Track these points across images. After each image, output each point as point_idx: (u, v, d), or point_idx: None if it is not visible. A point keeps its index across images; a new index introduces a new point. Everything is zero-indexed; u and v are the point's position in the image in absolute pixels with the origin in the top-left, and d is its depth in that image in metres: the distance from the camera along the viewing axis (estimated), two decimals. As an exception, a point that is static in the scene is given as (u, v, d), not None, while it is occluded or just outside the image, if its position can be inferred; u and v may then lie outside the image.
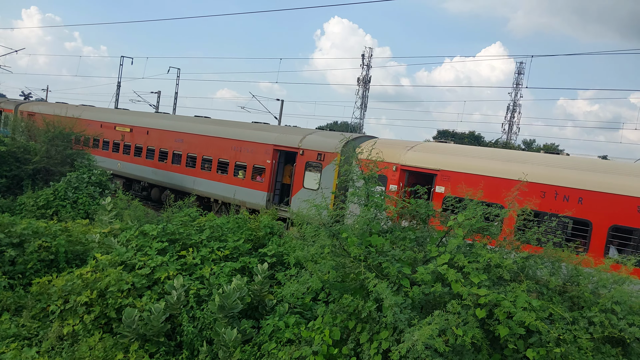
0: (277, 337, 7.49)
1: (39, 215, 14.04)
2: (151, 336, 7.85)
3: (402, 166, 14.75)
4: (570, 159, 13.83)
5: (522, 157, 14.14)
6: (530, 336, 5.87)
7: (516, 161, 13.50)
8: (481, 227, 7.02)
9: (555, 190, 12.19)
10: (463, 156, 14.30)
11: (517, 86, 68.55)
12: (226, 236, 10.30)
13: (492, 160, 13.69)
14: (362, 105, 68.13)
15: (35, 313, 8.86)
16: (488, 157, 14.02)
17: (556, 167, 12.75)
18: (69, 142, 18.43)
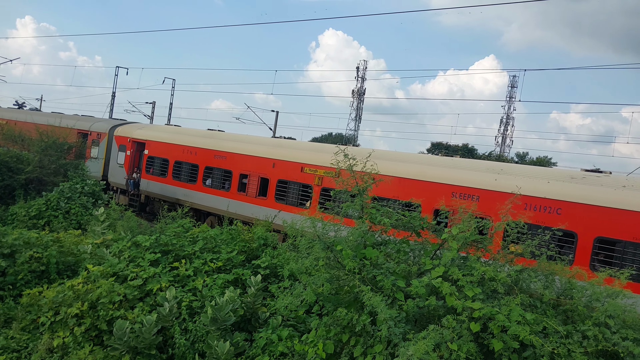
0: (270, 351, 7.43)
1: (31, 225, 13.92)
2: (142, 349, 7.77)
3: (133, 138, 23.64)
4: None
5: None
6: (524, 350, 5.85)
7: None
8: (475, 239, 7.03)
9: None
10: (162, 132, 23.39)
11: (511, 99, 69.17)
12: (219, 247, 10.25)
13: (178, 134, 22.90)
14: (356, 117, 68.46)
15: (25, 325, 8.74)
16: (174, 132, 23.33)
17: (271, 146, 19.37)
18: (62, 152, 18.34)
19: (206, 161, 20.46)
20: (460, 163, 14.97)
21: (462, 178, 13.55)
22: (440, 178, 13.99)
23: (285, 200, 17.72)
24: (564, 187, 12.27)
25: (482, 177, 13.39)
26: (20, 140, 20.39)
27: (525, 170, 13.76)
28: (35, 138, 18.54)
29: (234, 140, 20.77)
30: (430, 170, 14.45)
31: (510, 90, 69.18)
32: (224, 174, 19.86)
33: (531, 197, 12.05)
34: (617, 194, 11.64)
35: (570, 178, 12.77)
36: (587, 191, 11.99)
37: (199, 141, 21.24)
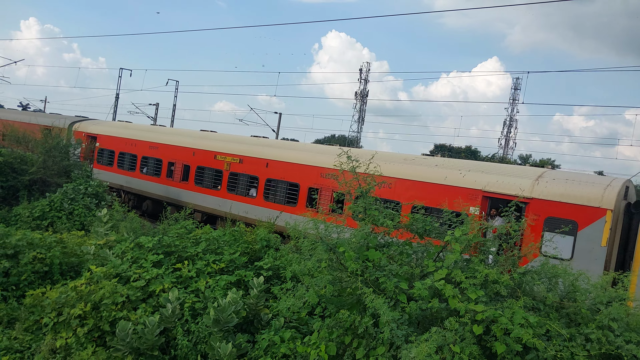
0: (273, 352, 7.42)
1: (34, 226, 13.96)
2: (145, 350, 7.77)
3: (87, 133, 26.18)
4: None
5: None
6: (527, 353, 5.84)
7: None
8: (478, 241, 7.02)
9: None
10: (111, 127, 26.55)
11: (514, 101, 69.08)
12: (222, 249, 10.26)
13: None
14: (359, 119, 68.46)
15: (28, 325, 8.76)
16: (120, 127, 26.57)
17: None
18: (66, 153, 18.39)
19: (143, 152, 23.59)
20: (327, 149, 18.63)
21: (327, 161, 16.41)
22: (314, 162, 17.55)
23: (202, 184, 20.80)
24: (394, 167, 15.58)
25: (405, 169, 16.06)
26: (24, 142, 20.47)
27: (381, 156, 16.41)
28: (39, 139, 18.61)
29: (165, 133, 24.41)
30: (306, 156, 18.07)
31: (513, 92, 69.11)
32: (156, 162, 22.97)
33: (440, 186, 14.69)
34: (430, 171, 14.96)
35: (404, 160, 16.26)
36: (407, 170, 15.38)
37: (138, 134, 24.41)
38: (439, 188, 14.37)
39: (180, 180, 21.66)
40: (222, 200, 19.96)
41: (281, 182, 18.28)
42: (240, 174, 19.64)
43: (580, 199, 12.18)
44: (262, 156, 19.11)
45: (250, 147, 20.01)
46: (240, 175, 19.63)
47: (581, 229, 11.95)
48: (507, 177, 13.62)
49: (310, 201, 17.23)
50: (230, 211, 18.91)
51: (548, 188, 12.72)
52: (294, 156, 18.42)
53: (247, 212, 18.77)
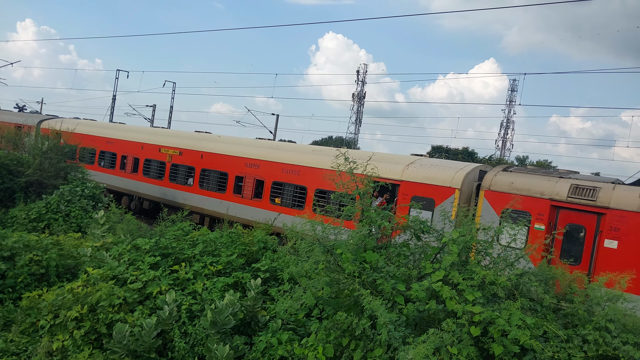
0: (270, 354, 7.41)
1: (31, 228, 13.90)
2: (142, 352, 7.75)
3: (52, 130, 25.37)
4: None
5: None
6: (524, 354, 5.85)
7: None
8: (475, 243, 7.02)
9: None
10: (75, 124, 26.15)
11: (511, 103, 69.27)
12: (219, 251, 10.24)
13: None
14: (356, 120, 68.54)
15: (25, 328, 8.72)
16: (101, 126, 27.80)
17: None
18: (63, 155, 18.35)
19: (101, 146, 25.55)
20: (251, 142, 21.35)
21: (250, 152, 19.36)
22: (240, 153, 19.82)
23: (149, 174, 22.89)
24: (303, 156, 17.87)
25: (263, 151, 19.17)
26: (21, 144, 20.41)
27: (287, 146, 19.72)
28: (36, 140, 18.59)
29: (120, 129, 26.47)
30: (233, 148, 20.25)
31: (510, 93, 69.33)
32: (111, 156, 24.98)
33: (286, 164, 17.98)
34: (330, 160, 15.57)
35: (312, 151, 18.74)
36: (313, 158, 17.50)
37: (97, 131, 26.39)
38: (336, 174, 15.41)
39: (131, 172, 23.86)
40: (165, 189, 22.03)
41: (213, 172, 20.35)
42: (180, 165, 21.79)
43: (437, 181, 14.26)
44: (198, 149, 21.28)
45: (188, 141, 22.30)
46: (180, 166, 21.77)
47: (437, 205, 13.99)
48: (387, 164, 15.64)
49: (237, 188, 19.40)
50: (171, 199, 21.12)
51: (415, 172, 14.95)
52: (223, 148, 20.52)
53: (185, 200, 20.77)
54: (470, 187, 13.88)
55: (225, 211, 19.17)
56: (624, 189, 12.10)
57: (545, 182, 12.82)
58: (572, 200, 12.11)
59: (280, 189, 18.11)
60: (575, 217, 12.15)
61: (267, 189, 18.37)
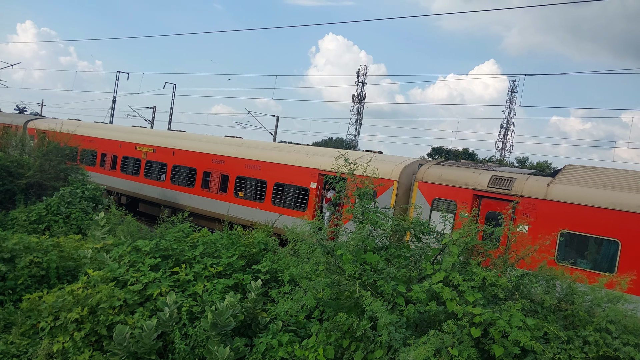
0: (271, 356, 7.41)
1: (31, 230, 13.90)
2: (142, 354, 7.74)
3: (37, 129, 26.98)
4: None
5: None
6: (525, 355, 5.84)
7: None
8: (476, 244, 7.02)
9: None
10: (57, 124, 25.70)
11: (511, 104, 69.29)
12: (220, 252, 10.24)
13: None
14: (357, 122, 68.58)
15: (25, 330, 8.72)
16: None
17: None
18: (63, 156, 18.37)
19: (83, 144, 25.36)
20: (216, 139, 22.79)
21: (216, 149, 20.68)
22: (207, 150, 21.02)
23: (126, 171, 24.10)
24: (264, 152, 19.32)
25: (228, 148, 20.51)
26: (21, 146, 20.44)
27: (250, 143, 21.45)
28: (35, 142, 18.62)
29: (100, 128, 28.13)
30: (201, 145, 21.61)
31: (510, 95, 69.36)
32: (92, 153, 26.22)
33: (248, 160, 19.35)
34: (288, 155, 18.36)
35: (273, 147, 20.18)
36: (273, 154, 18.82)
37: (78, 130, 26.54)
38: (292, 168, 17.89)
39: (110, 169, 25.21)
40: (140, 184, 23.36)
41: (183, 168, 21.77)
42: (154, 162, 23.17)
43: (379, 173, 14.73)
44: (170, 146, 22.68)
45: (161, 139, 23.83)
46: (154, 162, 23.14)
47: (379, 195, 15.06)
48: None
49: (205, 183, 20.67)
50: (147, 194, 22.41)
51: None
52: (193, 145, 21.93)
53: (158, 195, 22.30)
54: (408, 179, 15.21)
55: (194, 205, 20.38)
56: (536, 179, 13.00)
57: (470, 173, 13.93)
58: (492, 189, 13.25)
59: (243, 183, 19.35)
60: (495, 205, 13.10)
61: (232, 183, 19.68)
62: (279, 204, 18.14)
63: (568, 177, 12.89)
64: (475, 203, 13.42)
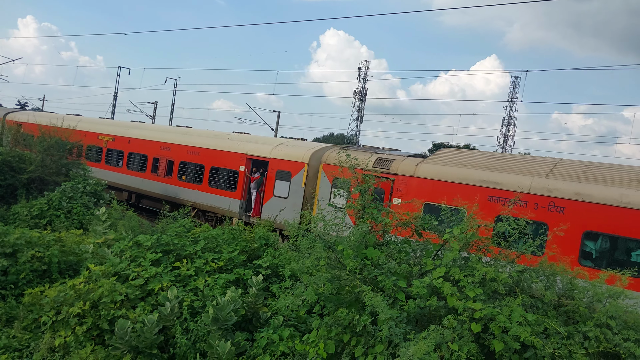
0: (271, 350, 7.43)
1: (33, 225, 13.94)
2: (144, 348, 7.78)
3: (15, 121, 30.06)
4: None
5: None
6: (525, 351, 5.85)
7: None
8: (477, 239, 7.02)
9: None
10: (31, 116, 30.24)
11: (512, 100, 69.08)
12: (221, 247, 10.26)
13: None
14: (358, 117, 68.45)
15: (27, 324, 8.76)
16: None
17: None
18: (65, 151, 18.38)
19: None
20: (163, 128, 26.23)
21: (164, 137, 22.98)
22: (156, 138, 23.29)
23: (90, 158, 25.18)
24: (203, 140, 21.44)
25: (174, 136, 22.84)
26: (23, 140, 20.46)
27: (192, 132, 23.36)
28: (37, 137, 18.62)
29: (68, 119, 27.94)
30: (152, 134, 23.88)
31: (512, 90, 69.11)
32: None
33: (190, 147, 21.49)
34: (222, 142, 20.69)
35: (212, 135, 22.03)
36: (210, 141, 21.03)
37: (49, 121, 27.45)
38: (225, 154, 20.04)
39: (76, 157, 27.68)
40: (102, 171, 24.68)
41: (137, 154, 23.81)
42: (113, 150, 25.13)
43: (293, 157, 17.78)
44: (126, 135, 24.71)
45: (119, 129, 25.83)
46: (113, 150, 25.12)
47: (293, 176, 17.48)
48: (261, 145, 19.35)
49: (154, 168, 22.75)
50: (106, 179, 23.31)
51: (279, 151, 18.39)
52: (145, 134, 24.08)
53: (117, 179, 24.16)
54: (318, 162, 17.31)
55: (146, 188, 22.96)
56: (410, 160, 15.10)
57: (362, 156, 15.64)
58: (376, 169, 15.25)
59: (185, 167, 21.55)
60: (379, 182, 14.47)
61: (176, 167, 21.91)
62: (214, 185, 20.36)
63: (435, 158, 14.93)
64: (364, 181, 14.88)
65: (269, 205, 18.16)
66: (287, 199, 17.43)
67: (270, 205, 18.02)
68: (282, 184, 17.66)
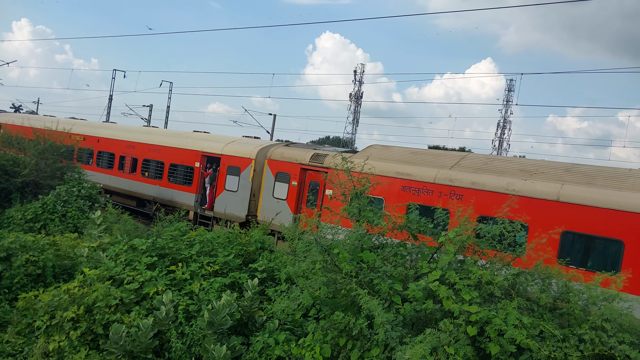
0: (267, 354, 7.41)
1: (27, 228, 13.86)
2: (139, 353, 7.73)
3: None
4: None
5: None
6: (521, 354, 5.85)
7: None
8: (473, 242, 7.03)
9: None
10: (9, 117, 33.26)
11: (508, 103, 69.35)
12: (216, 251, 10.23)
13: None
14: (354, 120, 68.53)
15: (21, 329, 8.69)
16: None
17: None
18: (59, 155, 18.30)
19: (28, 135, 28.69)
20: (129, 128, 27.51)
21: (130, 136, 24.74)
22: (123, 137, 25.00)
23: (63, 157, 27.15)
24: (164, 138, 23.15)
25: (138, 135, 24.59)
26: (17, 144, 20.37)
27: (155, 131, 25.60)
28: (32, 140, 18.54)
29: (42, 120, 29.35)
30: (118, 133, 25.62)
31: (507, 93, 69.40)
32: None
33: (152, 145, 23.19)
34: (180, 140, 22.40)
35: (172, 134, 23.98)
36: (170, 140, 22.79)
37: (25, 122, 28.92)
38: (183, 151, 21.71)
39: None
40: None
41: (105, 153, 25.45)
42: (84, 149, 26.42)
43: (242, 154, 19.52)
44: (96, 135, 26.31)
45: (89, 129, 27.38)
46: (84, 149, 26.40)
47: (242, 171, 19.18)
48: (214, 143, 20.91)
49: (121, 165, 24.20)
50: None
51: (230, 148, 20.07)
52: (112, 133, 25.70)
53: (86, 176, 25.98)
54: (263, 158, 18.87)
55: (113, 184, 24.33)
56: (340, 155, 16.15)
57: (301, 152, 17.61)
58: (312, 164, 16.96)
59: (148, 164, 23.15)
60: (315, 176, 17.06)
61: (140, 165, 23.43)
62: (173, 181, 22.03)
63: (363, 153, 16.37)
64: (302, 174, 17.31)
65: (220, 198, 19.84)
66: (237, 192, 19.11)
67: (222, 198, 19.77)
68: (233, 179, 19.36)
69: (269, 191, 18.05)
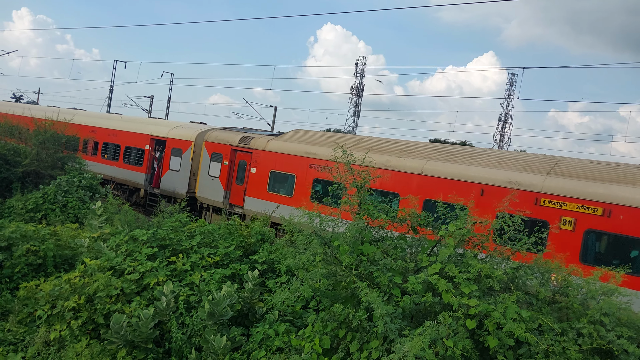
0: (267, 345, 7.45)
1: (28, 218, 13.89)
2: (139, 342, 7.78)
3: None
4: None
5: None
6: (519, 347, 5.89)
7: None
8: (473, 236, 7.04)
9: None
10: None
11: (509, 97, 69.14)
12: (217, 242, 10.26)
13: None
14: (355, 113, 68.38)
15: (22, 318, 8.74)
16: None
17: None
18: (60, 145, 18.29)
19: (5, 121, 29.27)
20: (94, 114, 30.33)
21: (92, 122, 26.98)
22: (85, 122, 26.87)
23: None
24: (120, 123, 25.52)
25: (99, 120, 27.07)
26: (18, 134, 20.37)
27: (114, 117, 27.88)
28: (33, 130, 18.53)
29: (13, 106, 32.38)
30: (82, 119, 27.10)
31: (508, 87, 69.15)
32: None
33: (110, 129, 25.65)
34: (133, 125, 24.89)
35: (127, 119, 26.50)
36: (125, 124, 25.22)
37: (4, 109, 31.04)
38: (135, 135, 23.98)
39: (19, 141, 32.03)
40: None
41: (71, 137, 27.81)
42: None
43: (184, 137, 21.89)
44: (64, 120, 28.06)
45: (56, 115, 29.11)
46: None
47: (184, 152, 21.54)
48: (161, 127, 23.40)
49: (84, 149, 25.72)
50: None
51: (175, 132, 22.42)
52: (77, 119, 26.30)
53: None
54: (202, 140, 20.96)
55: None
56: (265, 138, 18.70)
57: (233, 135, 19.92)
58: (240, 145, 19.19)
59: (107, 147, 25.38)
60: (243, 156, 19.27)
61: (100, 147, 25.68)
62: (127, 162, 24.12)
63: (284, 136, 18.66)
64: (233, 154, 19.51)
65: (166, 177, 22.29)
66: (179, 172, 21.58)
67: (167, 177, 22.22)
68: (176, 160, 21.79)
69: (205, 170, 20.26)
